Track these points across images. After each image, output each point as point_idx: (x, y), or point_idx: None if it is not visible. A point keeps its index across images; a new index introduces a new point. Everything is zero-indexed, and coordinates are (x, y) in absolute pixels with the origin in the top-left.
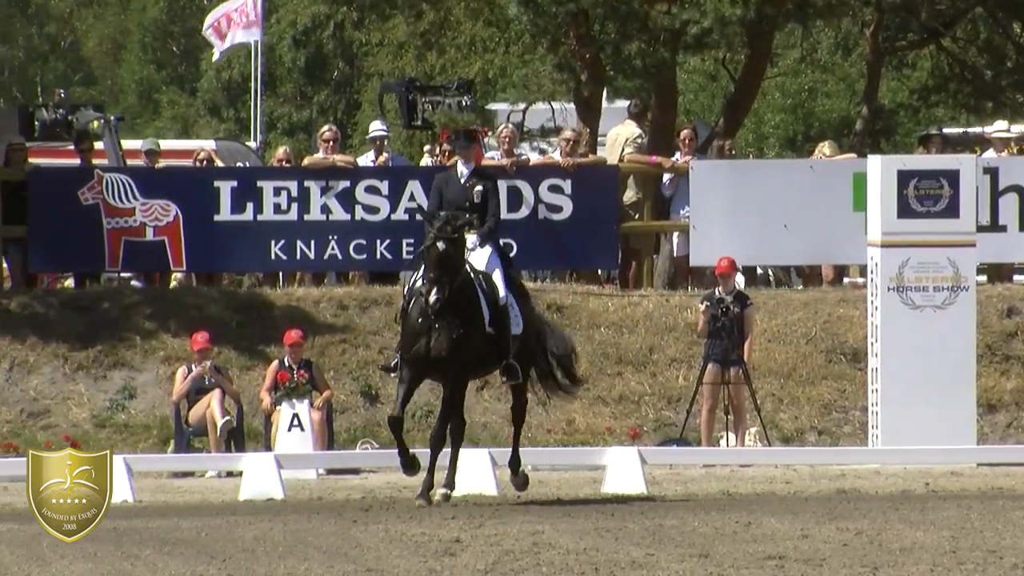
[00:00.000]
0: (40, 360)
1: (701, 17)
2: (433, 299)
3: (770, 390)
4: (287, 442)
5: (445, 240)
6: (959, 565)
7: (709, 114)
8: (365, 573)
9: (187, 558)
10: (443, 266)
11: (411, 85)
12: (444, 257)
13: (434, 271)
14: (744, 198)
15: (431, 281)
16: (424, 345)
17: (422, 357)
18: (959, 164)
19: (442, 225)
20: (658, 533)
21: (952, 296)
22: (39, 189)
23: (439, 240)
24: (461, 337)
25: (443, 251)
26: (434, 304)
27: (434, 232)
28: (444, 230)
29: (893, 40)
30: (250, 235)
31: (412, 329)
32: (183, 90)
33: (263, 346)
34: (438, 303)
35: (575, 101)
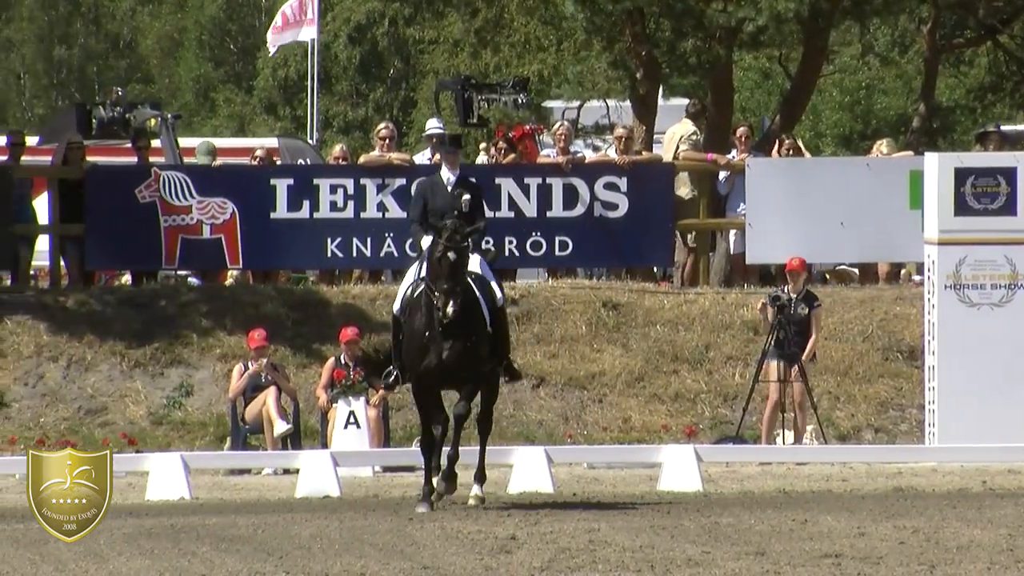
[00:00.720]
0: (97, 358)
1: (757, 14)
2: (451, 311)
3: (827, 388)
4: (343, 439)
5: (455, 249)
6: (1016, 563)
7: (764, 111)
8: (421, 570)
9: (243, 555)
10: (456, 276)
11: (467, 83)
12: (456, 267)
13: (447, 282)
14: (800, 195)
15: (446, 292)
16: (436, 357)
17: (434, 368)
18: (1016, 162)
19: (451, 234)
20: (714, 531)
21: (1009, 294)
22: (96, 187)
23: (450, 250)
24: (473, 344)
25: (455, 261)
26: (452, 315)
27: (443, 242)
28: (453, 239)
29: (950, 37)
30: (306, 233)
31: (419, 342)
32: (240, 88)
33: (319, 344)
34: (456, 315)
35: (631, 99)
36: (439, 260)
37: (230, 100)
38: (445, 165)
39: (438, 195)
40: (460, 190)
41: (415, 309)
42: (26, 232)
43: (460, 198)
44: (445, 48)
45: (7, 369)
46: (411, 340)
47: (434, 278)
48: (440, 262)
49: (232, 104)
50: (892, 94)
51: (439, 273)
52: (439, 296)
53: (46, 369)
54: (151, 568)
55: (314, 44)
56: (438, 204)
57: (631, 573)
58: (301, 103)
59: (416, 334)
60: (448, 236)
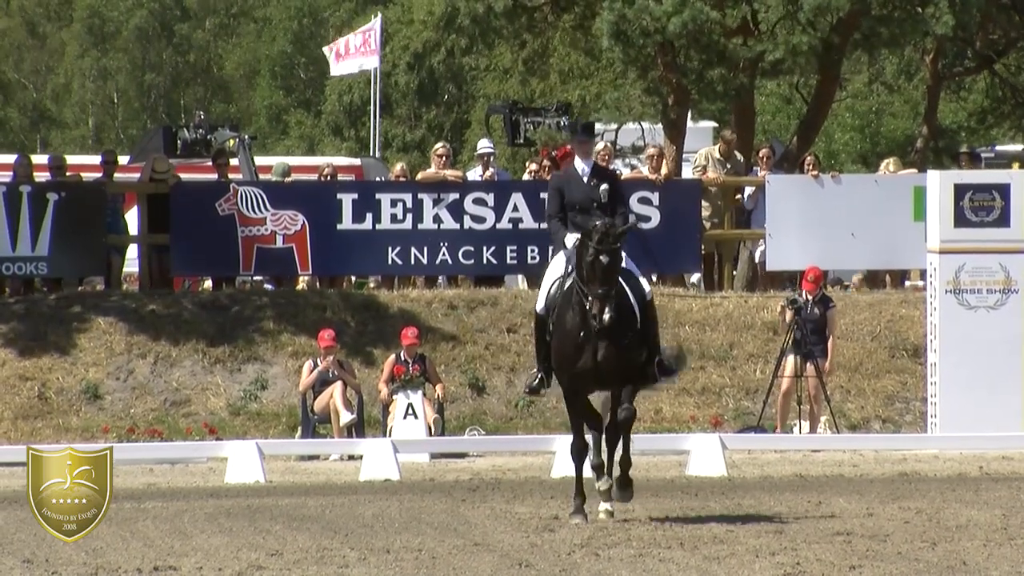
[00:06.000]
0: (182, 355)
1: (775, 48)
2: (607, 317)
3: (839, 382)
4: (402, 429)
5: (607, 252)
6: (1010, 540)
7: (784, 133)
8: (472, 547)
9: (313, 533)
10: (610, 280)
11: (515, 107)
12: (610, 271)
13: (602, 287)
14: (815, 209)
15: (601, 298)
16: (591, 357)
17: (590, 369)
18: (1010, 178)
19: (602, 237)
20: (737, 511)
21: (1003, 298)
22: (181, 201)
23: (602, 253)
24: (628, 344)
25: (608, 265)
26: (609, 321)
27: (594, 245)
28: (605, 242)
29: (951, 66)
30: (369, 242)
31: (573, 342)
32: (309, 112)
33: (379, 342)
34: (612, 320)
35: (662, 122)
36: (591, 264)
37: (300, 123)
38: (578, 155)
39: (574, 187)
40: (597, 181)
41: (566, 308)
42: (118, 242)
43: (598, 188)
44: (495, 75)
45: (101, 365)
46: (564, 340)
47: (587, 282)
48: (593, 266)
49: (302, 126)
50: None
51: (592, 277)
52: (593, 301)
53: (136, 365)
54: (230, 544)
55: (376, 72)
56: (575, 197)
57: (662, 549)
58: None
59: (570, 335)
60: (599, 239)
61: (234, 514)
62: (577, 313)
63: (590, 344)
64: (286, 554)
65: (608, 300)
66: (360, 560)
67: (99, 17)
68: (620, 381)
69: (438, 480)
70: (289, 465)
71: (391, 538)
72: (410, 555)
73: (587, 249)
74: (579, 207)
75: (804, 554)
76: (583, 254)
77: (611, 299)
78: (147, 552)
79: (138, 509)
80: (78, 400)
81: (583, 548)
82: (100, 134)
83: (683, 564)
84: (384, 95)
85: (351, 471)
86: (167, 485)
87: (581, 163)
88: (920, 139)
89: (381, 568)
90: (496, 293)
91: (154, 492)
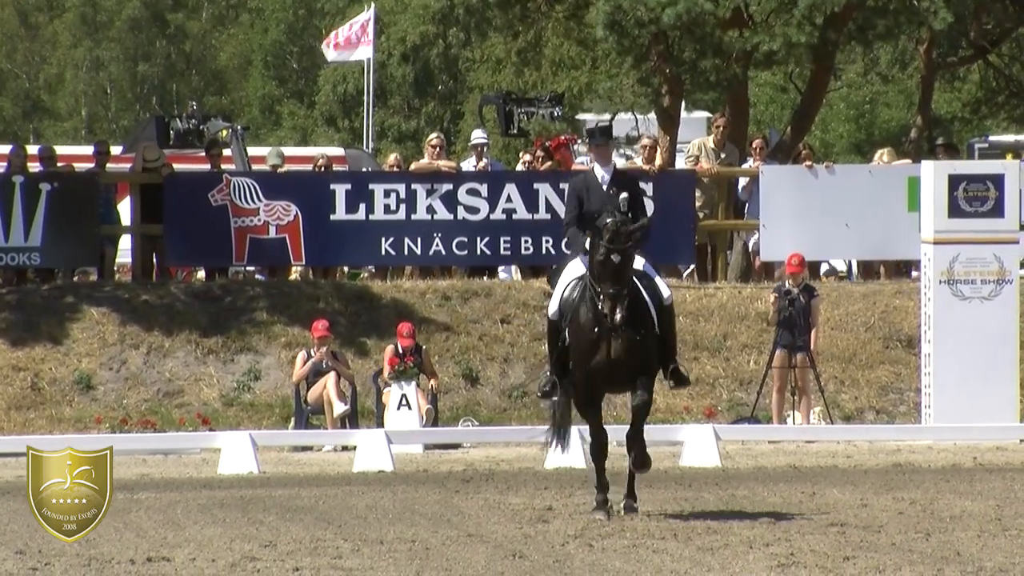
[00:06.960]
0: (174, 345)
1: (770, 41)
2: (619, 317)
3: (833, 373)
4: (396, 420)
5: (619, 252)
6: (1004, 531)
7: (778, 123)
8: (466, 538)
9: (306, 523)
10: (621, 280)
11: (508, 98)
12: (621, 270)
13: (613, 287)
14: (809, 199)
15: (612, 297)
16: (605, 352)
17: (604, 364)
18: (1004, 169)
19: (613, 236)
20: (731, 502)
21: (997, 288)
22: (173, 191)
23: (612, 252)
24: (642, 339)
25: (619, 264)
26: (620, 322)
27: (605, 244)
28: (616, 241)
29: (945, 56)
30: (362, 233)
31: (587, 338)
32: (302, 103)
33: (373, 332)
34: (623, 320)
35: (656, 112)
36: (602, 262)
37: (294, 113)
38: (596, 161)
39: (593, 194)
40: (616, 189)
41: (579, 306)
42: (111, 232)
43: (617, 197)
44: (489, 66)
45: (94, 355)
46: (578, 336)
47: (599, 280)
48: (604, 264)
49: (295, 117)
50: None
51: (603, 276)
52: (604, 301)
53: (128, 355)
54: (223, 535)
55: (370, 63)
56: (594, 205)
57: (656, 540)
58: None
59: (584, 331)
60: (610, 237)
61: (227, 505)
62: (590, 309)
63: (604, 340)
64: (279, 545)
65: (620, 300)
66: (354, 551)
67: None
68: (634, 378)
69: (432, 471)
70: (282, 456)
71: (385, 529)
72: (404, 546)
73: (598, 248)
74: (598, 216)
75: (798, 545)
76: (595, 253)
77: (623, 299)
78: (140, 543)
79: (131, 500)
80: (71, 391)
81: (577, 539)
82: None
83: (677, 555)
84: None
85: (345, 462)
86: (160, 476)
87: (600, 170)
88: (914, 129)
89: (374, 559)
90: (490, 284)
91: (147, 483)
